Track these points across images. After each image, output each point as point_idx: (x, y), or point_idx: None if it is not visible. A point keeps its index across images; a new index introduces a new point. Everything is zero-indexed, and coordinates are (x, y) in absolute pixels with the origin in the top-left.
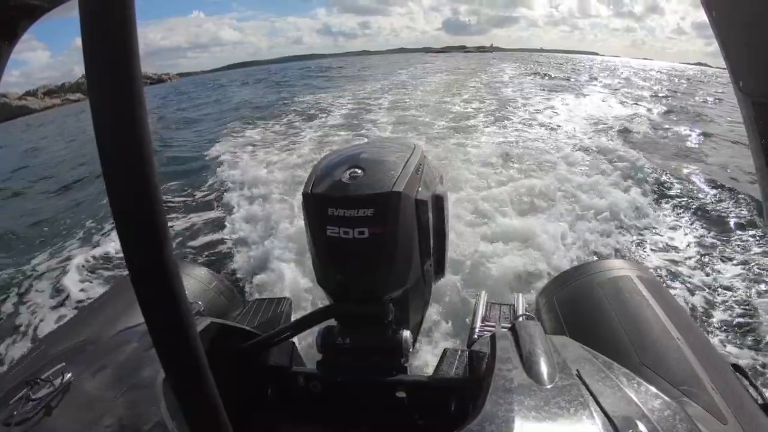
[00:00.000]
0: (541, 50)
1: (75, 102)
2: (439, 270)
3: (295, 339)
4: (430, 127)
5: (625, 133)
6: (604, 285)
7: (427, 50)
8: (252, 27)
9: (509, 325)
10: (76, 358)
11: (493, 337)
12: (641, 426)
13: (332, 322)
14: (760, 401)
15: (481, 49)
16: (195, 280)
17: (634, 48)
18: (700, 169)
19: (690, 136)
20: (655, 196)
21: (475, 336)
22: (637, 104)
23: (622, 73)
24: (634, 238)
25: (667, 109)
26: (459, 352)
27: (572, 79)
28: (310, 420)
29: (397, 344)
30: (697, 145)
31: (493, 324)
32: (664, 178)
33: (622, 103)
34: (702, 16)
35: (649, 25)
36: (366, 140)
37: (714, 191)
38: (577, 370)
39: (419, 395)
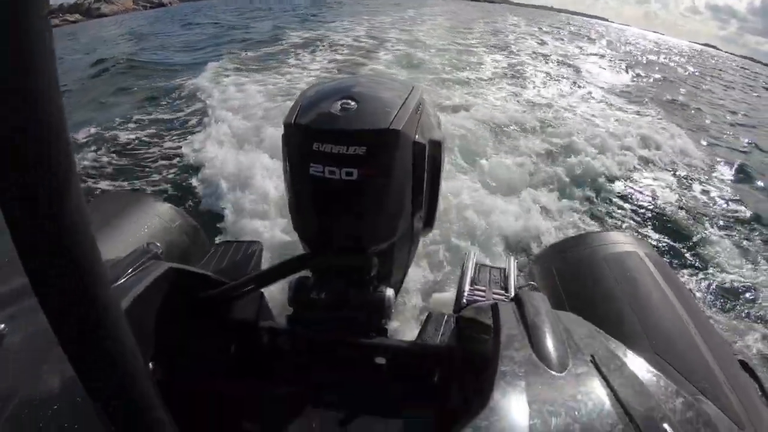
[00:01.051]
0: (551, 8)
1: (73, 23)
2: (429, 223)
3: (264, 290)
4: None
5: None
6: (609, 260)
7: None
8: None
9: (503, 292)
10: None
11: (495, 309)
12: (666, 427)
13: (307, 273)
14: None
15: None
16: (156, 217)
17: (646, 20)
18: None
19: None
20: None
21: (464, 301)
22: None
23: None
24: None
25: None
26: (445, 317)
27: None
28: (275, 381)
29: (378, 303)
30: None
31: (483, 288)
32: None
33: None
34: None
35: None
36: (357, 74)
37: None
38: (592, 356)
39: (401, 362)
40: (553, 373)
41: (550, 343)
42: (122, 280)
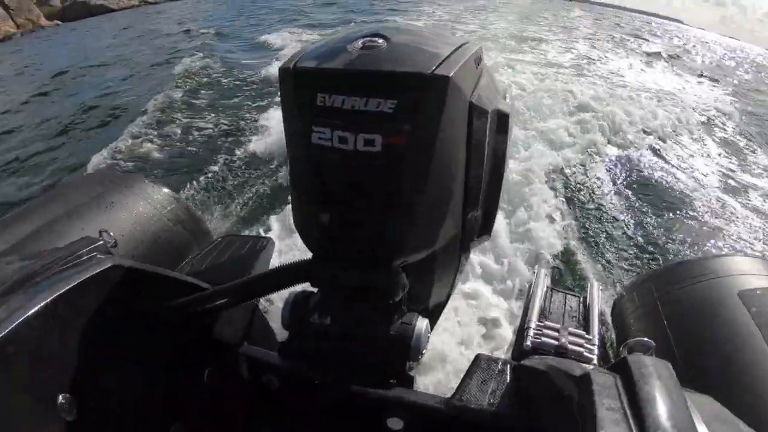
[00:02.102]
0: (623, 8)
1: (153, 4)
2: (486, 228)
3: (261, 301)
4: None
5: None
6: (747, 298)
7: None
8: None
9: (584, 334)
10: None
11: (586, 381)
12: None
13: (309, 286)
14: None
15: None
16: (141, 201)
17: (722, 24)
18: None
19: None
20: None
21: (528, 343)
22: None
23: None
24: None
25: None
26: (499, 364)
27: None
28: (252, 426)
29: (404, 338)
30: None
31: (556, 326)
32: None
33: None
34: None
35: (741, 3)
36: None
37: None
38: None
39: (426, 428)
40: None
41: None
42: (38, 279)
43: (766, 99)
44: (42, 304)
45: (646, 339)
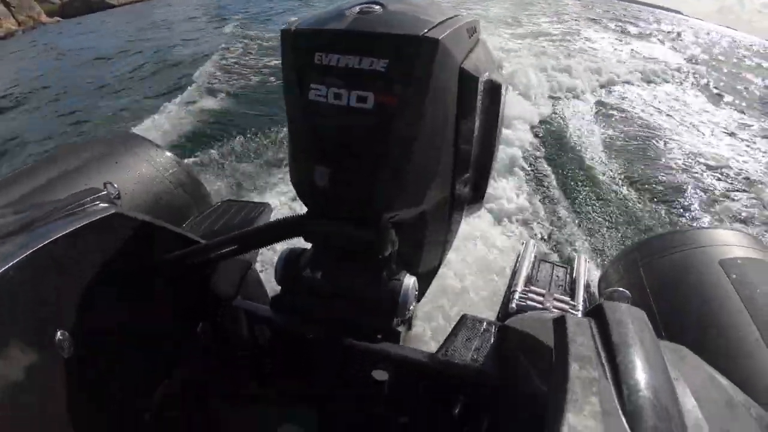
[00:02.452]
0: None
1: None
2: (477, 195)
3: (258, 261)
4: None
5: None
6: (728, 266)
7: None
8: None
9: (568, 300)
10: None
11: (560, 323)
12: None
13: (303, 242)
14: None
15: None
16: (144, 162)
17: (720, 14)
18: None
19: None
20: None
21: (513, 305)
22: None
23: None
24: None
25: None
26: (483, 324)
27: None
28: (244, 378)
29: (392, 293)
30: None
31: (541, 291)
32: None
33: None
34: None
35: None
36: None
37: None
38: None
39: (410, 380)
40: None
41: (648, 392)
42: (40, 224)
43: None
44: (41, 244)
45: (622, 289)
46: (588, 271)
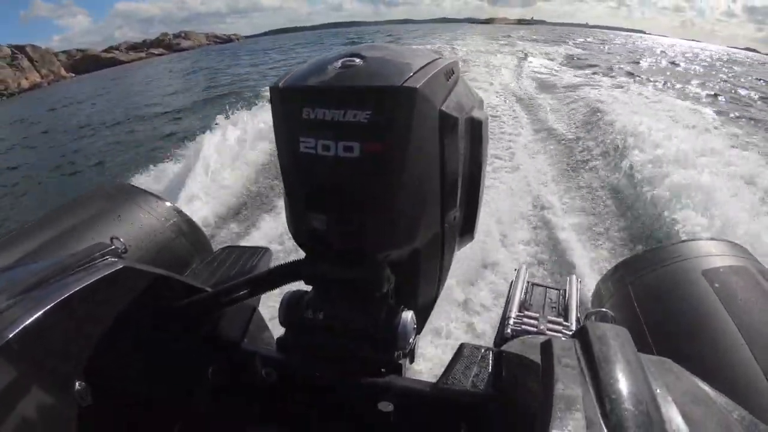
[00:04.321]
0: (586, 25)
1: (159, 56)
2: (468, 228)
3: (259, 306)
4: None
5: None
6: (711, 276)
7: (471, 21)
8: None
9: (561, 321)
10: None
11: (547, 346)
12: None
13: (304, 286)
14: None
15: (522, 22)
16: (144, 213)
17: (682, 29)
18: None
19: None
20: None
21: (508, 330)
22: None
23: None
24: None
25: None
26: (482, 351)
27: None
28: (255, 418)
29: (392, 329)
30: None
31: (535, 315)
32: None
33: None
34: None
35: (698, 6)
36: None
37: None
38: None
39: (414, 410)
40: None
41: (629, 404)
42: (56, 279)
43: None
44: (59, 300)
45: (604, 309)
46: (579, 292)
